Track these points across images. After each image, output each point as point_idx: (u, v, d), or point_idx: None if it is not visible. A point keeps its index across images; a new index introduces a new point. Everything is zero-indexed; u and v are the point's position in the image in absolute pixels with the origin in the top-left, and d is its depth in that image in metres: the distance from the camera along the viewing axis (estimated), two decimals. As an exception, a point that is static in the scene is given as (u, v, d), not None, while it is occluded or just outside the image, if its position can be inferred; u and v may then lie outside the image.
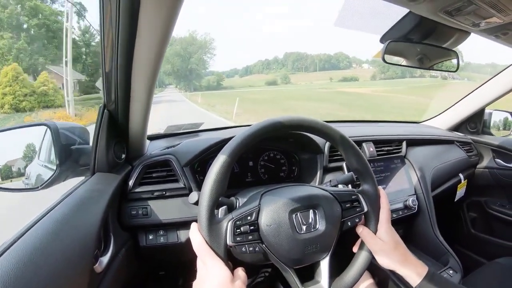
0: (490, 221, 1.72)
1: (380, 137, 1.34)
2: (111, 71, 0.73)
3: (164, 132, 1.35)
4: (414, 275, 0.74)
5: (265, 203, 0.68)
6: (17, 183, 0.96)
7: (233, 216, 0.65)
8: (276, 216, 0.66)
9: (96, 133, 0.86)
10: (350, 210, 0.74)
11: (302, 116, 0.73)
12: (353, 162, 0.76)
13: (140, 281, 1.20)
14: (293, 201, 0.69)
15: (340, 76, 62.58)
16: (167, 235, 0.97)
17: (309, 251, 0.68)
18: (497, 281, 1.15)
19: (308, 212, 0.69)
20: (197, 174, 1.02)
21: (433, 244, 1.29)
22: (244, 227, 0.64)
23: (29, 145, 0.98)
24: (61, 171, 0.88)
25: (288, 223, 0.66)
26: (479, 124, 1.78)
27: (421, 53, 1.07)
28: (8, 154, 0.96)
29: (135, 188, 0.95)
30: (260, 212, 0.66)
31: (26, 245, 0.61)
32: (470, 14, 0.71)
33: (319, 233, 0.69)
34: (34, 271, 0.57)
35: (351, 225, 0.74)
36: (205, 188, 0.63)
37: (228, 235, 0.62)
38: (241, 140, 0.65)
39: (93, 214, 0.76)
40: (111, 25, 0.61)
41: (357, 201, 0.75)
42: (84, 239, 0.70)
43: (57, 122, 0.91)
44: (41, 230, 0.66)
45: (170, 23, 0.58)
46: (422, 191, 1.30)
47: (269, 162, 1.16)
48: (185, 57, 61.48)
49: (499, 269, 1.21)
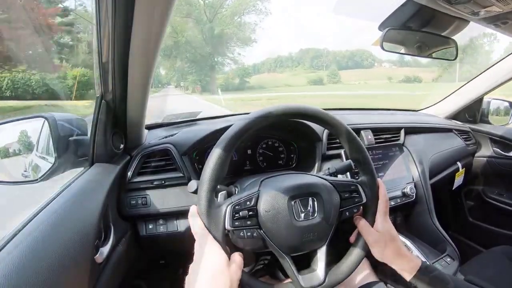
0: (487, 209, 1.73)
1: (379, 125, 1.34)
2: (107, 61, 0.72)
3: (162, 121, 1.35)
4: (407, 268, 0.74)
5: (264, 189, 0.69)
6: (16, 176, 0.96)
7: (233, 200, 0.65)
8: (275, 202, 0.67)
9: (94, 123, 0.86)
10: (348, 200, 0.75)
11: (301, 104, 0.73)
12: (353, 151, 0.77)
13: (140, 271, 1.21)
14: (292, 188, 0.70)
15: (390, 75, 50.02)
16: (166, 224, 0.97)
17: (307, 238, 0.69)
18: (494, 269, 1.17)
19: (307, 200, 0.70)
20: (195, 163, 1.03)
21: (431, 232, 1.30)
22: (243, 212, 0.65)
23: (27, 138, 0.98)
24: (59, 163, 0.88)
25: (287, 210, 0.67)
26: (477, 112, 1.78)
27: (419, 41, 1.07)
28: (6, 147, 0.96)
29: (134, 178, 0.96)
30: (260, 197, 0.67)
31: (27, 237, 0.62)
32: (470, 2, 0.71)
33: (317, 221, 0.69)
34: (35, 263, 0.58)
35: (349, 215, 0.75)
36: (205, 172, 0.64)
37: (226, 219, 0.63)
38: (240, 128, 0.66)
39: (93, 204, 0.77)
40: (107, 14, 0.60)
41: (356, 192, 0.76)
42: (84, 230, 0.70)
43: (54, 114, 0.90)
44: (41, 222, 0.66)
45: (167, 11, 0.58)
46: (420, 179, 1.31)
47: (267, 150, 1.16)
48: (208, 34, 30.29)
49: (496, 257, 1.23)
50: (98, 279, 0.74)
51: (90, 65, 13.95)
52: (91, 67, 3.72)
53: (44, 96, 16.08)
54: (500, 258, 1.21)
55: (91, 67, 2.84)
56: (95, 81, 0.82)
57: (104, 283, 0.75)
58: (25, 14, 14.36)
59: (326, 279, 0.69)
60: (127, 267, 0.93)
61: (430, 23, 0.95)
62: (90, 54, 20.01)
